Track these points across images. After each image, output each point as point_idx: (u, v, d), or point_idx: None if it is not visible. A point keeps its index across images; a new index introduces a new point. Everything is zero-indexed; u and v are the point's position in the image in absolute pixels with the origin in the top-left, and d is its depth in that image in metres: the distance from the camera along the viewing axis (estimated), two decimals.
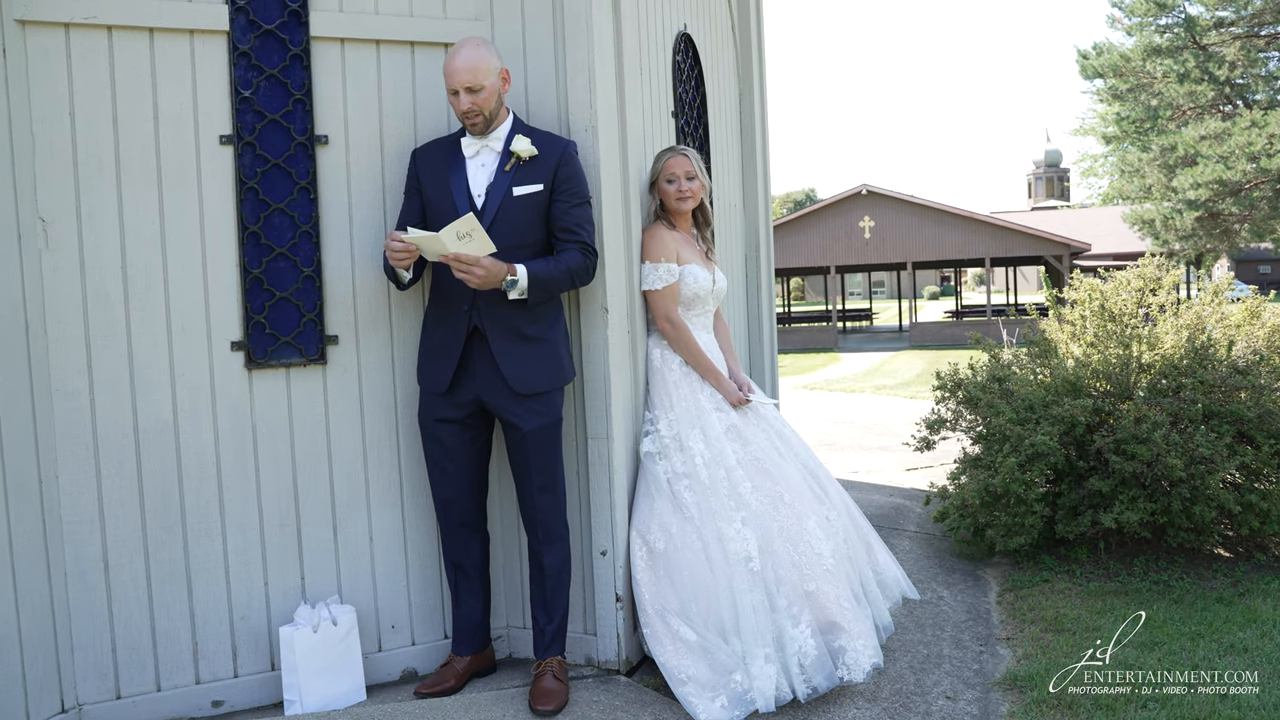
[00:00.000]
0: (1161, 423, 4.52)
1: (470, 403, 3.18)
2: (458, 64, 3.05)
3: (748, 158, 5.69)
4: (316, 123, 3.22)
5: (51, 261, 2.99)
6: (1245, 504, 4.52)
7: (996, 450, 4.75)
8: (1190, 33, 26.48)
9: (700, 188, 3.64)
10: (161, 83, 3.07)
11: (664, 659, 3.18)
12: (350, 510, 3.32)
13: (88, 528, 3.04)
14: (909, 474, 7.23)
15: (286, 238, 3.21)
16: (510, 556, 3.53)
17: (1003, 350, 5.51)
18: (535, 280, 3.06)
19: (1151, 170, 26.95)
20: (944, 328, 31.36)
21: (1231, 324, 5.44)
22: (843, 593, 3.28)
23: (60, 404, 3.00)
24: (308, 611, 3.18)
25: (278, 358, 3.22)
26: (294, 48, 3.19)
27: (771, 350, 5.81)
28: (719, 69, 5.19)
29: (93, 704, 3.06)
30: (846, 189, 31.76)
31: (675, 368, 3.55)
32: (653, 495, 3.39)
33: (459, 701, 3.14)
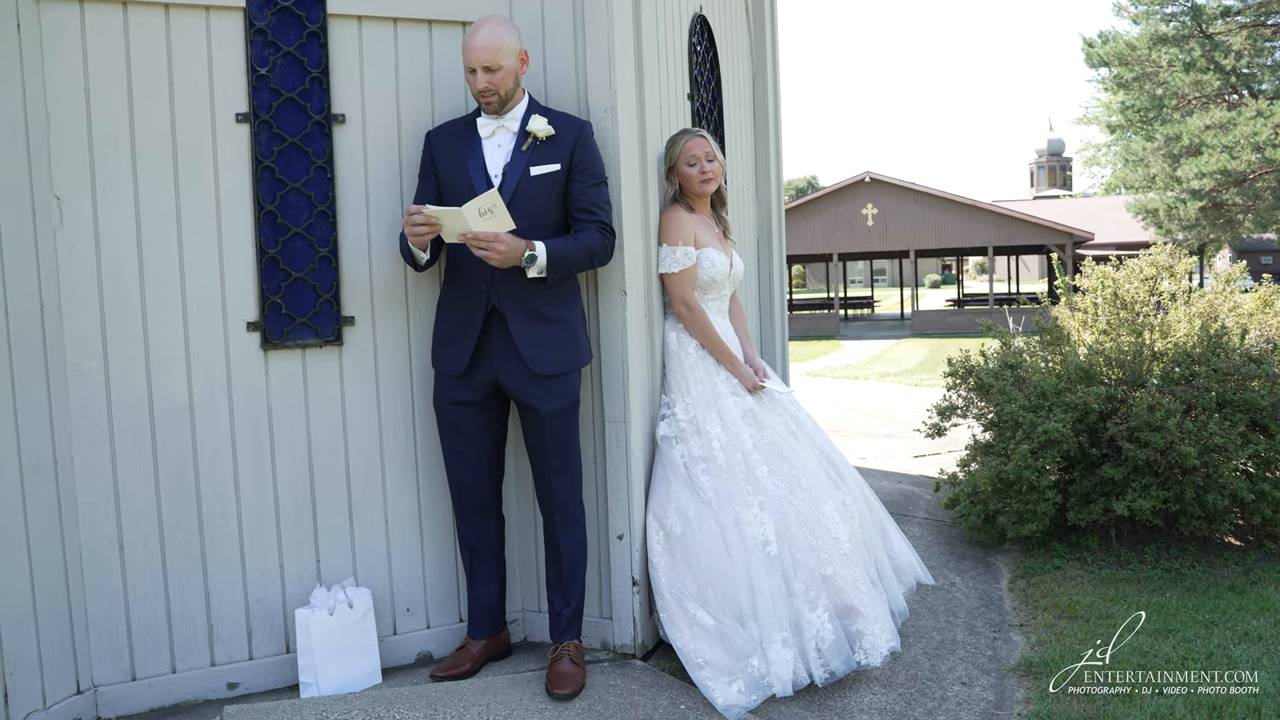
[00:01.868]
0: (1175, 410, 4.51)
1: (487, 384, 3.16)
2: (477, 42, 3.02)
3: (760, 142, 5.65)
4: (333, 101, 3.19)
5: (66, 239, 2.96)
6: (1258, 493, 4.52)
7: (1009, 437, 4.74)
8: (1196, 21, 26.35)
9: (720, 168, 3.61)
10: (177, 59, 3.03)
11: (681, 643, 3.17)
12: (366, 493, 3.30)
13: (103, 508, 3.02)
14: (917, 461, 7.21)
15: (303, 217, 3.18)
16: (526, 540, 3.51)
17: (1014, 338, 5.49)
18: (554, 257, 3.03)
19: (1156, 159, 26.86)
20: (946, 316, 31.31)
21: (1244, 313, 5.43)
22: (859, 577, 3.27)
23: (75, 383, 2.98)
24: (323, 594, 3.16)
25: (294, 338, 3.19)
26: (311, 25, 3.15)
27: (783, 335, 5.79)
28: (733, 52, 5.15)
29: (108, 685, 3.04)
30: (850, 176, 31.65)
31: (692, 351, 3.53)
32: (669, 479, 3.37)
33: (475, 685, 3.13)
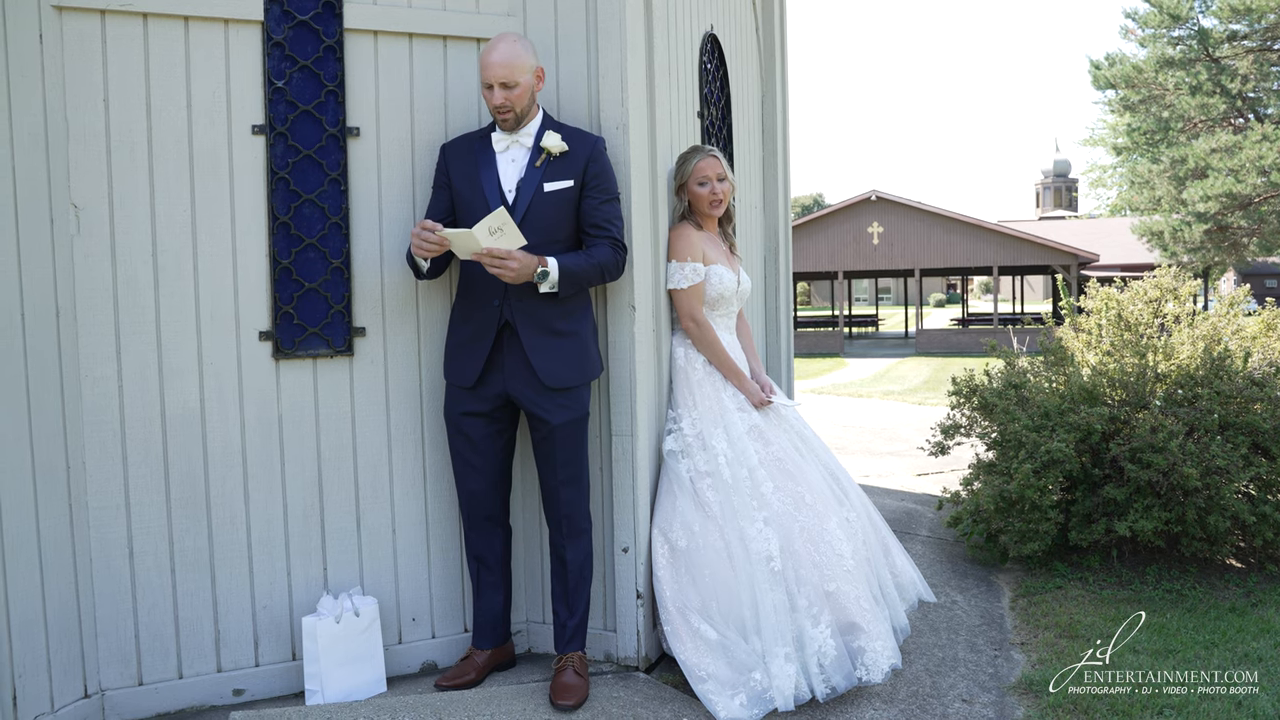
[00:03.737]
0: (1177, 432, 4.53)
1: (497, 396, 3.19)
2: (494, 58, 3.06)
3: (769, 160, 5.69)
4: (348, 114, 3.23)
5: (83, 248, 3.00)
6: (1259, 515, 4.53)
7: (1012, 456, 4.76)
8: (1203, 45, 26.45)
9: (730, 188, 3.65)
10: (195, 71, 3.08)
11: (684, 656, 3.19)
12: (374, 502, 3.33)
13: (113, 514, 3.05)
14: (920, 479, 7.22)
15: (316, 229, 3.22)
16: (531, 551, 3.53)
17: (1018, 357, 5.51)
18: (566, 272, 3.07)
19: (1161, 182, 26.92)
20: (950, 335, 31.33)
21: (1247, 335, 5.45)
22: (862, 594, 3.29)
23: (89, 390, 3.01)
24: (330, 602, 3.19)
25: (305, 348, 3.23)
26: (328, 39, 3.20)
27: (788, 351, 5.82)
28: (743, 71, 5.20)
29: (115, 690, 3.07)
30: (855, 195, 31.74)
31: (699, 367, 3.56)
32: (675, 493, 3.40)
33: (479, 695, 3.15)
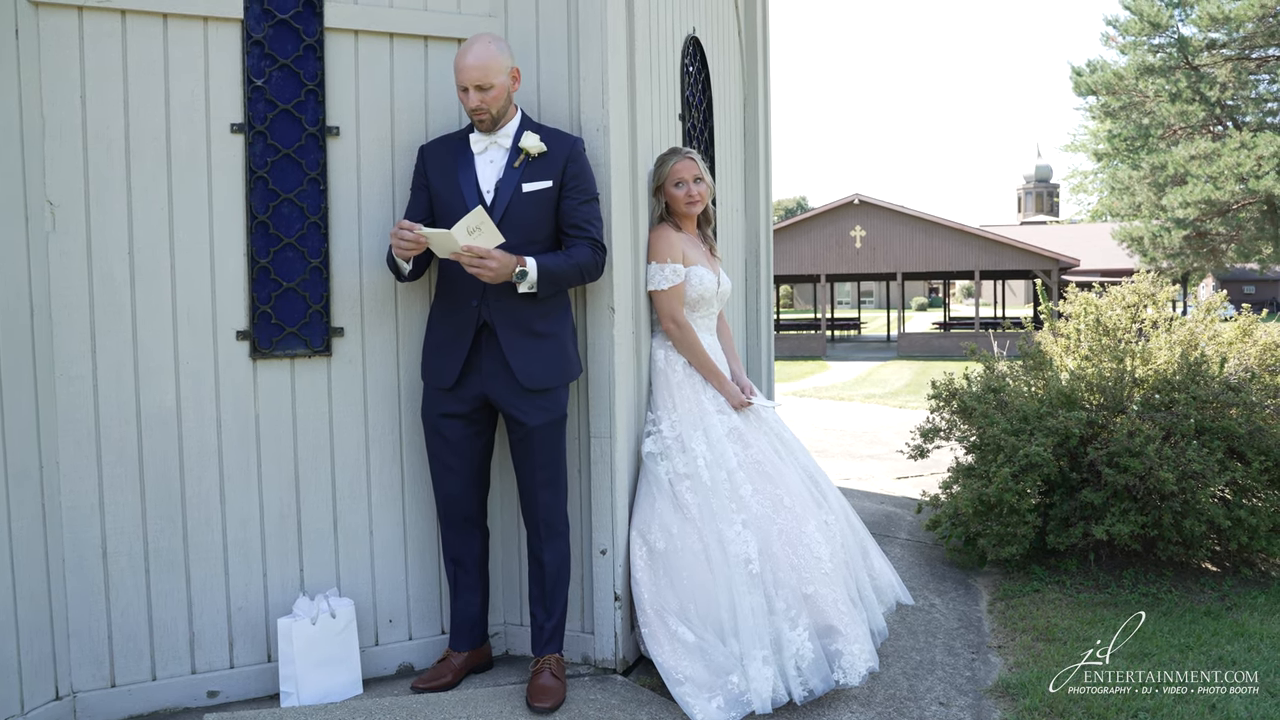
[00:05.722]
0: (1154, 436, 4.56)
1: (475, 398, 3.18)
2: (468, 61, 3.05)
3: (750, 163, 5.70)
4: (328, 114, 3.22)
5: (58, 245, 2.97)
6: (1235, 519, 4.57)
7: (990, 460, 4.78)
8: (1183, 53, 26.73)
9: (707, 190, 3.65)
10: (174, 69, 3.06)
11: (661, 659, 3.18)
12: (351, 503, 3.31)
13: (87, 514, 3.02)
14: (900, 482, 7.25)
15: (295, 228, 3.20)
16: (509, 553, 3.52)
17: (998, 361, 5.54)
18: (544, 272, 3.06)
19: (1141, 188, 27.19)
20: (932, 339, 31.49)
21: (1224, 341, 5.49)
22: (840, 597, 3.30)
23: (63, 388, 2.98)
24: (306, 603, 3.17)
25: (283, 348, 3.21)
26: (308, 38, 3.18)
27: (769, 353, 5.83)
28: (725, 74, 5.21)
29: (87, 692, 3.04)
30: (838, 198, 31.86)
31: (679, 368, 3.56)
32: (654, 495, 3.40)
33: (456, 697, 3.14)
